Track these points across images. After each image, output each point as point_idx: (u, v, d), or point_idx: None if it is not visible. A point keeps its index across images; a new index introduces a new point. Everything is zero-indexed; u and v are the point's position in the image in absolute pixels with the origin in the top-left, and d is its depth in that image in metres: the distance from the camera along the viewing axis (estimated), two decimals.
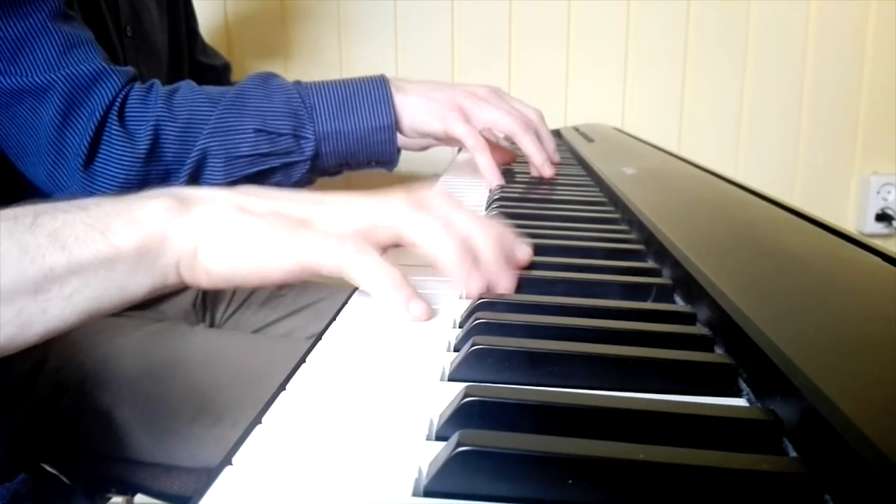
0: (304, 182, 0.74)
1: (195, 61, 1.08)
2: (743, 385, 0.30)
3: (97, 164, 0.66)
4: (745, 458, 0.23)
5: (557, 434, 0.24)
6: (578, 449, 0.23)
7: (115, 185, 0.66)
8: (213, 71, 1.13)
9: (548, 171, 0.80)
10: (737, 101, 1.39)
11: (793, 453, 0.25)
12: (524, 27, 1.37)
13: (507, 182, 0.80)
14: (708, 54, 1.38)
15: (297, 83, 0.73)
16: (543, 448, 0.23)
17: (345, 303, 0.42)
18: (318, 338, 0.36)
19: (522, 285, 0.42)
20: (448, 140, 0.78)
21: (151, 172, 0.67)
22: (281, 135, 0.70)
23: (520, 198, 0.71)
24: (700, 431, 0.26)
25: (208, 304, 0.97)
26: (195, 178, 0.69)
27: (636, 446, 0.23)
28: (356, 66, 1.38)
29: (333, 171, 0.78)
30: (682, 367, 0.31)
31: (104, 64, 0.67)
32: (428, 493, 0.23)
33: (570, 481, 0.23)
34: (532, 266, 0.45)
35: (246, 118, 0.69)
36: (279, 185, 0.72)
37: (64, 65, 0.65)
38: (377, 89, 0.73)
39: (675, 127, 1.41)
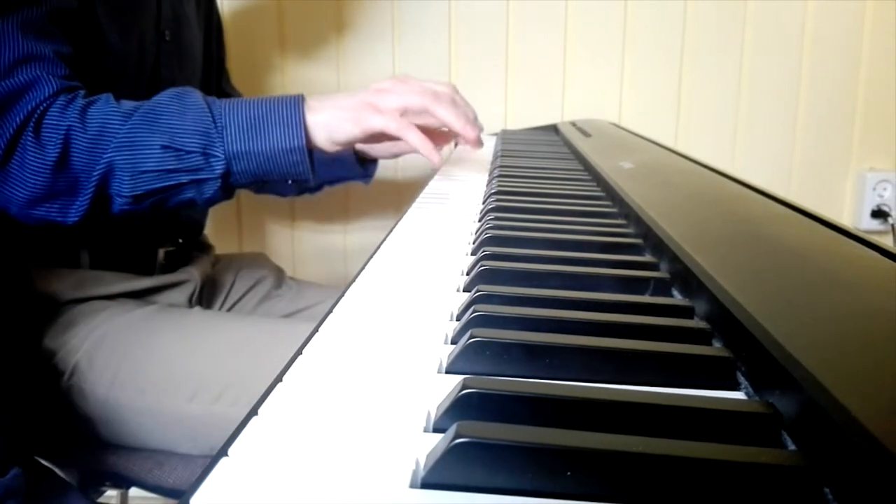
0: (220, 198, 0.75)
1: (219, 89, 1.10)
2: (741, 378, 0.30)
3: (11, 166, 0.68)
4: (744, 451, 0.23)
5: (555, 426, 0.24)
6: (576, 441, 0.23)
7: (24, 189, 0.68)
8: None
9: (471, 134, 0.80)
10: (734, 96, 1.39)
11: (791, 446, 0.25)
12: (521, 22, 1.37)
13: (505, 177, 0.80)
14: (705, 49, 1.37)
15: (213, 101, 0.74)
16: (541, 440, 0.23)
17: (341, 296, 0.42)
18: (315, 330, 0.36)
19: (520, 278, 0.42)
20: (378, 138, 0.79)
21: (60, 180, 0.69)
22: (189, 152, 0.71)
23: (517, 192, 0.70)
24: (698, 424, 0.26)
25: (204, 300, 0.97)
26: (104, 189, 0.71)
27: (634, 438, 0.23)
28: (354, 61, 1.37)
29: (249, 186, 0.78)
30: (680, 361, 0.31)
31: (42, 74, 0.69)
32: (425, 485, 0.23)
33: (568, 473, 0.23)
34: (530, 259, 0.45)
35: (154, 134, 0.70)
36: (191, 200, 0.74)
37: (10, 75, 0.68)
38: (289, 111, 0.74)
39: (672, 122, 1.41)
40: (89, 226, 0.72)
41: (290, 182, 0.78)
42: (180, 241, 0.95)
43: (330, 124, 0.75)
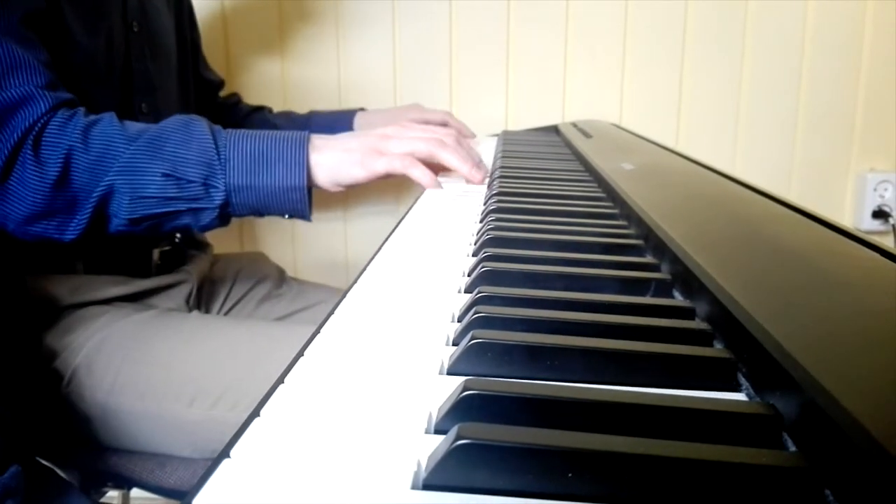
0: (216, 226, 0.75)
1: (197, 74, 1.10)
2: (742, 379, 0.30)
3: (10, 183, 0.68)
4: (745, 453, 0.23)
5: (556, 428, 0.24)
6: (578, 442, 0.23)
7: (22, 206, 0.68)
8: (210, 85, 1.15)
9: (477, 177, 0.81)
10: (734, 97, 1.39)
11: (792, 448, 0.25)
12: (522, 23, 1.37)
13: (506, 178, 0.80)
14: (706, 50, 1.38)
15: (219, 131, 0.74)
16: (543, 441, 0.23)
17: (342, 298, 0.42)
18: (317, 331, 0.36)
19: (522, 280, 0.42)
20: (381, 179, 0.79)
21: (58, 198, 0.69)
22: (190, 182, 0.71)
23: (518, 193, 0.71)
24: (700, 425, 0.26)
25: (203, 300, 0.97)
26: (102, 209, 0.71)
27: (635, 440, 0.23)
28: (354, 61, 1.37)
29: (246, 216, 0.79)
30: (682, 362, 0.31)
31: (36, 89, 0.69)
32: (427, 486, 0.23)
33: (570, 474, 0.23)
34: (531, 261, 0.45)
35: (157, 161, 0.70)
36: (187, 226, 0.74)
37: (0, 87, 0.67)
38: (294, 150, 0.74)
39: (673, 123, 1.41)
40: (84, 242, 0.73)
41: (286, 216, 0.78)
42: (177, 239, 0.95)
43: (334, 166, 0.75)
